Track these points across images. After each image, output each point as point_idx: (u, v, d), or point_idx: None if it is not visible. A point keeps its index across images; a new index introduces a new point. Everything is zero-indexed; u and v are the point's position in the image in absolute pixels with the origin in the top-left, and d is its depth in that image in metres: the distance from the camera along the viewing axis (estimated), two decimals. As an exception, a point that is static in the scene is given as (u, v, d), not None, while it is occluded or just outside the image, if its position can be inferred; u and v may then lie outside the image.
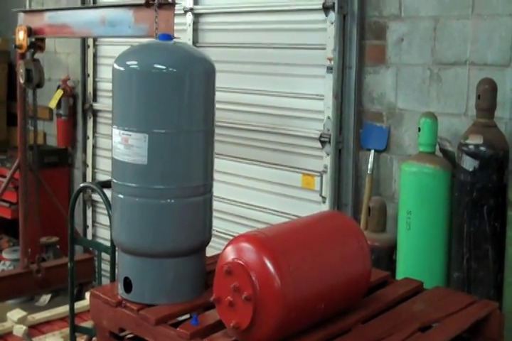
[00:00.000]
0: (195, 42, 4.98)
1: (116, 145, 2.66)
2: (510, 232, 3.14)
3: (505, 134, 3.36)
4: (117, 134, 2.65)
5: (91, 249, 5.37)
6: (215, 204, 2.94)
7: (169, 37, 2.79)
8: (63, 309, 4.65)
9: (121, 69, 2.64)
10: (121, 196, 2.69)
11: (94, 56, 6.06)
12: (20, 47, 4.87)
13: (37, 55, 4.98)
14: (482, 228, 3.22)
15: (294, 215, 4.25)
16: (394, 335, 2.36)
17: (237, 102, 4.71)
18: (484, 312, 2.64)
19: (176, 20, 3.75)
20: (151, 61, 2.60)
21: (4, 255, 5.91)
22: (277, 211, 4.48)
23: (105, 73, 5.86)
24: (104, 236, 5.85)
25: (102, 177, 5.89)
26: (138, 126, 2.60)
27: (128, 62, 2.63)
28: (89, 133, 6.10)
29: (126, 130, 2.61)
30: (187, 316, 2.64)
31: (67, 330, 3.85)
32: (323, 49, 4.15)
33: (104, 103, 5.89)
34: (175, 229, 2.65)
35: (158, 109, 2.58)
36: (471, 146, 3.26)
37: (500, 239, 3.22)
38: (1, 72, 7.02)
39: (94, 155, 6.10)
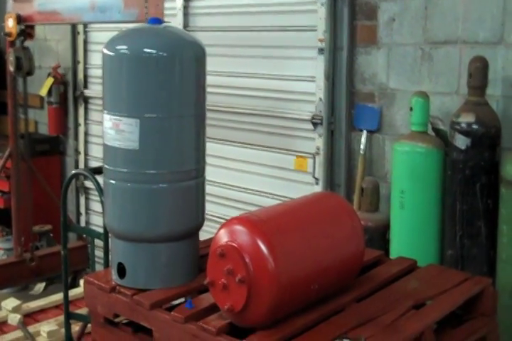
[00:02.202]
0: (185, 26, 4.95)
1: (107, 131, 2.65)
2: (503, 209, 3.14)
3: (497, 112, 3.35)
4: (108, 120, 2.64)
5: (84, 236, 5.37)
6: (209, 188, 2.93)
7: (159, 21, 2.77)
8: (58, 297, 4.64)
9: (111, 54, 2.62)
10: (113, 182, 2.68)
11: (85, 42, 6.02)
12: (9, 35, 4.84)
13: (27, 43, 4.95)
14: (475, 205, 3.22)
15: (287, 197, 4.24)
16: (388, 313, 2.37)
17: (228, 86, 4.69)
18: (477, 289, 2.65)
19: (166, 4, 3.73)
20: (141, 45, 2.59)
21: (-3, 244, 5.90)
22: (271, 193, 4.48)
23: (96, 60, 5.83)
24: (97, 223, 5.85)
25: (94, 164, 5.86)
26: (129, 111, 2.58)
27: (118, 47, 2.61)
28: (81, 120, 6.09)
29: (117, 115, 2.60)
30: (182, 300, 2.65)
31: (62, 318, 3.86)
32: (315, 31, 4.12)
33: (95, 90, 5.86)
34: (167, 213, 2.65)
35: (149, 93, 2.56)
36: (463, 124, 3.26)
37: (492, 216, 3.22)
38: (-10, 61, 6.98)
39: (86, 142, 6.09)
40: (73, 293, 4.54)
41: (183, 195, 2.68)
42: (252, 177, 4.62)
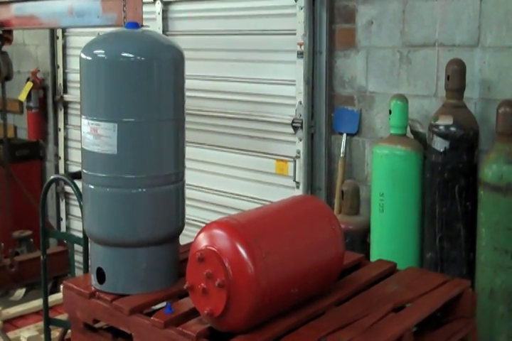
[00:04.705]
0: (165, 30, 4.94)
1: (85, 136, 2.64)
2: (481, 211, 3.15)
3: (475, 114, 3.37)
4: (86, 124, 2.63)
5: (65, 241, 5.34)
6: (189, 193, 2.92)
7: (136, 25, 2.76)
8: (38, 303, 4.61)
9: (89, 58, 2.61)
10: (92, 186, 2.67)
11: (64, 47, 5.99)
12: (-14, 40, 4.82)
13: (5, 48, 4.94)
14: (454, 208, 3.24)
15: (268, 201, 4.23)
16: (367, 317, 2.38)
17: (208, 90, 4.68)
18: (456, 291, 2.66)
19: (145, 8, 3.72)
20: (119, 49, 2.58)
21: (-23, 250, 5.85)
22: (251, 197, 4.47)
23: (75, 64, 5.80)
24: (78, 228, 5.78)
25: (74, 169, 5.83)
26: (107, 115, 2.57)
27: (95, 51, 2.60)
28: (61, 125, 6.06)
29: (95, 120, 2.59)
30: (162, 305, 2.63)
31: (42, 324, 3.84)
32: (294, 34, 4.13)
33: (74, 94, 5.83)
34: (147, 218, 2.63)
35: (127, 97, 2.55)
36: (441, 127, 3.28)
37: (471, 218, 3.24)
38: (-32, 66, 6.93)
39: (66, 147, 6.06)
40: (54, 298, 4.49)
41: (163, 199, 2.66)
42: (233, 181, 4.61)
